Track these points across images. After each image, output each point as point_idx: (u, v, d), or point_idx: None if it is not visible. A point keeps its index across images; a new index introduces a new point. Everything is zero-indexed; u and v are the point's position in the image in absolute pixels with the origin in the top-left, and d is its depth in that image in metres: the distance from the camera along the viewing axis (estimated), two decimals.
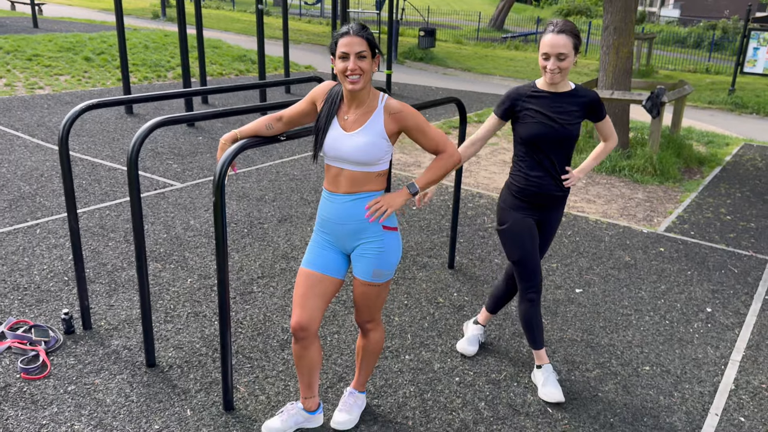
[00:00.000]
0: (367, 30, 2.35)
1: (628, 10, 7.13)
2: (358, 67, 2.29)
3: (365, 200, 2.44)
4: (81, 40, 12.94)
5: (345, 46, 2.29)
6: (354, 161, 2.39)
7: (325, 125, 2.43)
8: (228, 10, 29.60)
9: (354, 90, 2.33)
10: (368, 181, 2.43)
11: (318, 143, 2.45)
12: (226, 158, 2.50)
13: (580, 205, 6.00)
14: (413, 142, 2.54)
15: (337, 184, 2.47)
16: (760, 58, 13.58)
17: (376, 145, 2.37)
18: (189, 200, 5.51)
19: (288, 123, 2.63)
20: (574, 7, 39.22)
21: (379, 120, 2.39)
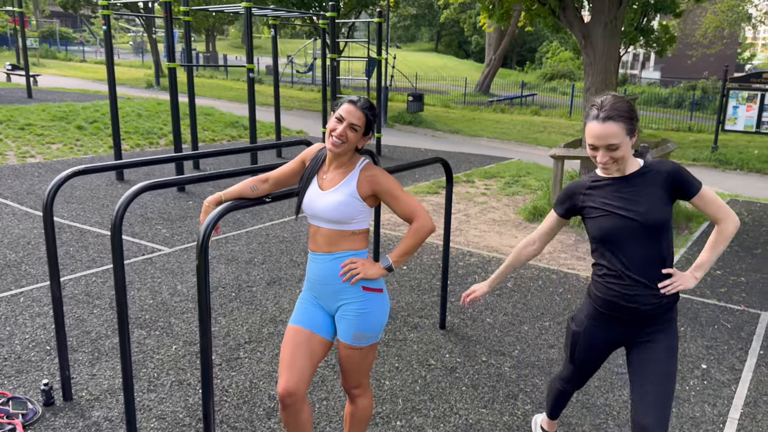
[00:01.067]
0: (372, 110, 2.42)
1: (607, 72, 7.35)
2: (346, 134, 2.36)
3: (343, 259, 2.44)
4: (74, 109, 13.14)
5: (345, 111, 2.37)
6: (326, 219, 2.41)
7: (305, 183, 2.48)
8: (221, 79, 30.32)
9: (332, 151, 2.39)
10: (343, 239, 2.43)
11: (299, 199, 2.49)
12: (209, 221, 2.49)
13: (570, 263, 5.99)
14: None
15: (316, 243, 2.48)
16: (740, 116, 13.94)
17: (348, 204, 2.38)
18: (177, 265, 5.47)
19: (275, 184, 2.65)
20: (558, 71, 40.45)
21: (353, 181, 2.41)
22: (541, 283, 5.39)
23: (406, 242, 2.48)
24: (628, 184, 2.24)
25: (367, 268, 2.43)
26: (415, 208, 2.48)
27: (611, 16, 7.14)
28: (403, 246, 2.48)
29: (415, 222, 2.47)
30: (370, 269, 2.44)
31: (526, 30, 34.91)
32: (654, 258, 2.21)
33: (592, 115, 2.20)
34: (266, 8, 10.33)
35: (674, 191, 2.23)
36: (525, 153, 14.11)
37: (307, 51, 37.04)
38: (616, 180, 2.27)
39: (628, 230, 2.20)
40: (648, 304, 2.22)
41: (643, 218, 2.18)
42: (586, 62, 7.41)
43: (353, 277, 2.41)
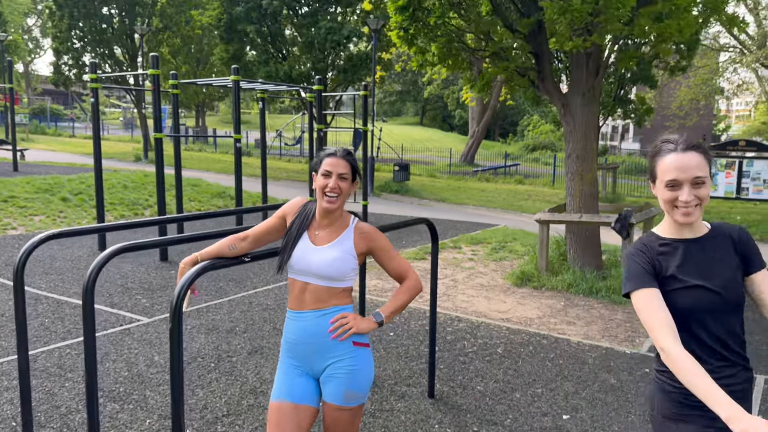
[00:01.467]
0: (352, 156, 2.44)
1: (587, 139, 7.48)
2: (338, 186, 2.36)
3: (332, 315, 2.38)
4: (59, 181, 13.13)
5: (330, 165, 2.36)
6: (321, 275, 2.36)
7: (295, 238, 2.42)
8: (210, 152, 30.66)
9: (330, 209, 2.37)
10: (333, 296, 2.39)
11: (286, 254, 2.41)
12: (184, 282, 2.39)
13: (560, 328, 5.87)
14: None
15: (301, 301, 2.40)
16: (720, 183, 14.21)
17: (344, 261, 2.37)
18: (155, 335, 5.28)
19: (254, 241, 2.58)
20: (539, 143, 41.43)
21: (349, 238, 2.41)
22: (531, 348, 5.25)
23: (398, 298, 2.47)
24: (701, 247, 1.89)
25: (358, 322, 2.38)
26: (408, 267, 2.54)
27: (588, 86, 7.35)
28: (395, 302, 2.47)
29: (408, 280, 2.50)
30: (361, 323, 2.39)
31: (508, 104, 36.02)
32: (735, 335, 1.89)
33: (666, 149, 1.87)
34: (255, 82, 10.55)
35: (742, 260, 1.90)
36: (510, 220, 14.18)
37: (295, 125, 37.81)
38: (688, 242, 1.90)
39: (710, 305, 1.84)
40: (737, 384, 1.89)
41: (725, 291, 1.85)
42: (567, 130, 7.56)
43: (345, 333, 2.35)
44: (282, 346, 2.48)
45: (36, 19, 56.74)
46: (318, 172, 2.40)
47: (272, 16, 19.99)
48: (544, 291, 7.22)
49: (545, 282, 7.35)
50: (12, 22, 42.00)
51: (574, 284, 7.19)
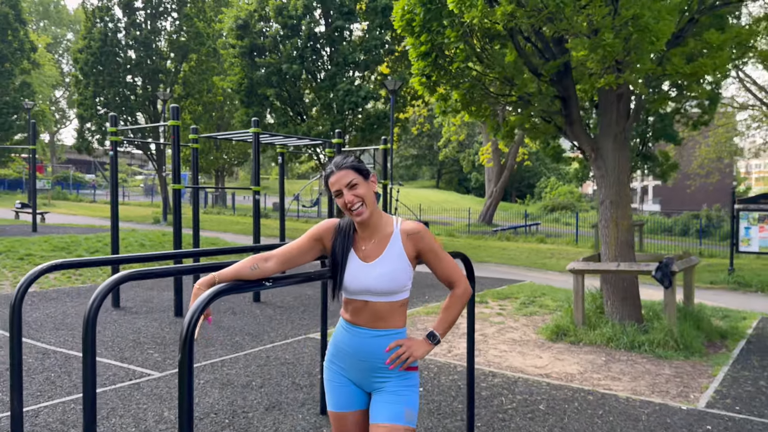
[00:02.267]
0: (347, 159, 2.26)
1: (621, 184, 7.17)
2: (355, 196, 2.20)
3: (388, 339, 2.24)
4: (77, 240, 13.01)
5: (334, 184, 2.23)
6: (379, 291, 2.20)
7: (342, 260, 2.25)
8: (228, 215, 30.76)
9: (363, 220, 2.21)
10: (392, 313, 2.24)
11: (339, 279, 2.25)
12: (198, 305, 2.07)
13: (605, 383, 5.38)
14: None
15: (358, 316, 2.26)
16: (753, 237, 13.69)
17: (400, 271, 2.21)
18: (166, 390, 4.89)
19: (281, 263, 2.29)
20: (559, 203, 41.12)
21: (397, 244, 2.23)
22: (577, 404, 4.76)
23: (451, 311, 2.29)
24: None
25: (414, 350, 2.23)
26: (458, 271, 2.33)
27: (620, 129, 7.09)
28: (449, 315, 2.29)
29: (458, 286, 2.31)
30: (417, 350, 2.23)
31: (525, 164, 35.99)
32: None
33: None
34: (276, 135, 10.47)
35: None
36: (535, 276, 13.70)
37: (312, 188, 38.02)
38: None
39: None
40: None
41: None
42: (598, 175, 7.26)
43: (402, 364, 2.22)
44: (330, 348, 2.36)
45: (63, 91, 58.81)
46: (331, 193, 2.26)
47: (292, 80, 20.33)
48: (581, 346, 6.73)
49: (582, 336, 6.87)
50: (40, 93, 43.46)
51: (614, 338, 6.70)
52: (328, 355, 2.37)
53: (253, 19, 20.57)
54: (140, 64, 25.53)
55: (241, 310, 8.27)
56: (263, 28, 20.74)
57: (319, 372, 5.41)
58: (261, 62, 20.15)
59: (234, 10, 21.39)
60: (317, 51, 20.46)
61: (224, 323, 7.38)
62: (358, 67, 20.72)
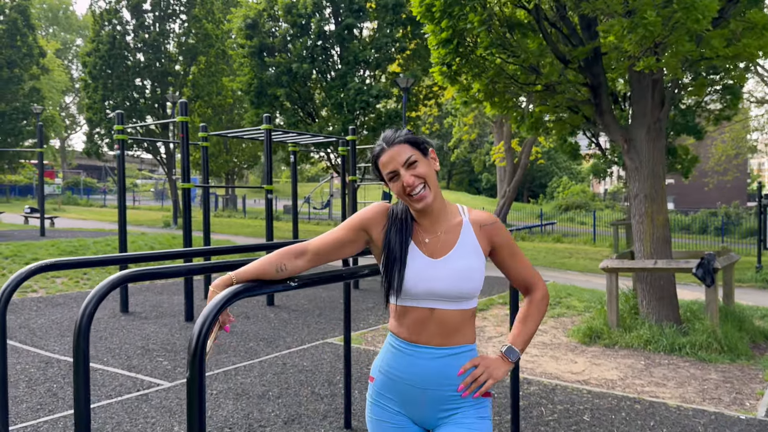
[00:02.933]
0: (401, 132, 1.82)
1: (656, 177, 6.74)
2: (415, 177, 1.76)
3: (461, 359, 1.80)
4: (85, 243, 12.72)
5: (387, 164, 1.79)
6: (451, 295, 1.76)
7: (401, 255, 1.79)
8: (239, 218, 30.48)
9: (427, 205, 1.78)
10: (463, 324, 1.81)
11: (396, 278, 1.78)
12: (210, 310, 1.69)
13: (650, 390, 4.96)
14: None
15: (421, 331, 1.79)
16: None
17: (475, 269, 1.79)
18: (176, 402, 4.53)
19: (315, 258, 1.88)
20: (572, 202, 40.55)
21: (470, 235, 1.82)
22: (624, 414, 4.35)
23: (530, 320, 1.86)
24: None
25: (492, 371, 1.78)
26: (536, 271, 1.92)
27: (654, 118, 6.67)
28: (528, 326, 1.86)
29: (536, 290, 1.90)
30: (496, 370, 1.78)
31: (539, 163, 35.48)
32: None
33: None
34: (289, 132, 10.11)
35: None
36: (556, 276, 13.25)
37: (323, 190, 37.69)
38: None
39: None
40: None
41: None
42: (631, 167, 6.84)
43: (478, 389, 1.77)
44: (377, 378, 1.87)
45: (73, 96, 58.87)
46: (385, 179, 1.84)
47: (302, 79, 19.99)
48: (617, 349, 6.30)
49: (618, 339, 6.45)
50: (50, 98, 43.43)
51: (653, 341, 6.27)
52: (375, 387, 1.89)
53: (262, 19, 20.27)
54: (149, 66, 25.31)
55: (255, 314, 7.91)
56: (272, 27, 20.43)
57: (339, 381, 5.03)
58: (270, 62, 19.84)
59: (243, 9, 21.08)
60: (327, 50, 20.12)
61: (237, 328, 7.01)
62: (368, 65, 20.35)
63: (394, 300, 1.81)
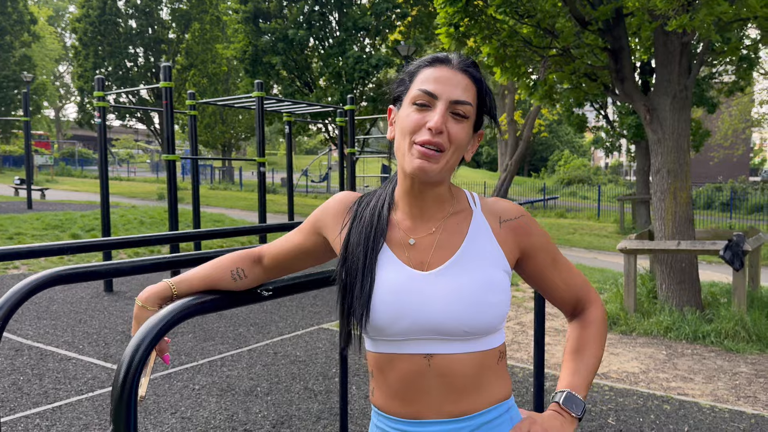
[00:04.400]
0: (477, 67, 1.18)
1: (680, 151, 6.21)
2: (447, 130, 1.12)
3: (497, 426, 1.17)
4: (71, 217, 12.20)
5: (434, 82, 1.14)
6: (454, 331, 1.12)
7: (366, 264, 1.16)
8: (235, 191, 29.94)
9: (425, 172, 1.12)
10: (488, 372, 1.17)
11: (358, 305, 1.16)
12: (140, 341, 1.18)
13: (677, 385, 4.50)
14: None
15: (420, 397, 1.15)
16: None
17: (494, 286, 1.14)
18: (153, 398, 4.06)
19: (272, 268, 1.35)
20: (575, 176, 40.00)
21: (484, 233, 1.18)
22: (653, 417, 3.89)
23: (592, 350, 1.24)
24: None
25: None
26: (587, 282, 1.29)
27: (681, 86, 6.11)
28: (589, 360, 1.23)
29: (592, 307, 1.28)
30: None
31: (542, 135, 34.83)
32: None
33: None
34: (283, 101, 9.53)
35: None
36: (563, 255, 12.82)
37: (321, 163, 37.10)
38: None
39: None
40: None
41: None
42: (653, 140, 6.30)
43: None
44: None
45: (67, 65, 57.74)
46: (405, 99, 1.18)
47: (299, 46, 19.27)
48: (635, 336, 5.85)
49: (636, 325, 5.99)
50: (42, 67, 42.47)
51: (674, 328, 5.81)
52: None
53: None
54: (141, 33, 24.55)
55: None
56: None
57: (335, 374, 4.57)
58: (266, 28, 19.09)
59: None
60: (325, 15, 19.36)
61: (226, 312, 6.54)
62: (368, 33, 19.61)
63: (350, 339, 1.19)
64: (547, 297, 1.29)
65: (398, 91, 1.21)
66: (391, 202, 1.24)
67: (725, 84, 14.44)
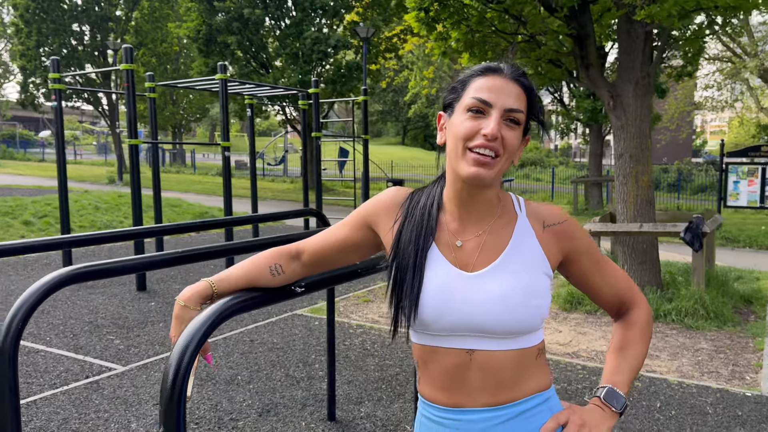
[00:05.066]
0: (527, 78, 1.22)
1: (642, 136, 6.41)
2: (502, 136, 1.16)
3: (533, 417, 1.21)
4: (22, 203, 11.74)
5: (489, 90, 1.17)
6: (495, 330, 1.17)
7: (416, 262, 1.20)
8: (188, 173, 29.31)
9: (480, 178, 1.16)
10: (527, 367, 1.22)
11: (407, 301, 1.20)
12: (188, 342, 1.18)
13: (645, 363, 4.70)
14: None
15: (461, 388, 1.20)
16: (741, 191, 13.30)
17: (535, 289, 1.19)
18: (132, 390, 3.99)
19: (312, 263, 1.37)
20: (527, 159, 40.73)
21: (528, 238, 1.23)
22: None
23: (635, 349, 1.29)
24: None
25: (591, 429, 1.18)
26: (633, 283, 1.34)
27: (643, 73, 6.29)
28: (632, 359, 1.28)
29: (637, 307, 1.33)
30: (597, 427, 1.19)
31: None
32: None
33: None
34: (246, 83, 9.35)
35: None
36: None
37: (276, 145, 36.61)
38: None
39: None
40: None
41: None
42: (617, 125, 6.48)
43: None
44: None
45: (5, 43, 54.97)
46: (456, 107, 1.21)
47: (254, 26, 18.88)
48: (599, 315, 6.06)
49: None
50: None
51: None
52: None
53: None
54: (87, 10, 23.57)
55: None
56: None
57: (315, 360, 4.59)
58: (220, 6, 18.63)
59: None
60: None
61: None
62: (326, 13, 19.37)
63: (396, 331, 1.24)
64: (592, 298, 1.35)
65: (450, 99, 1.24)
66: (440, 202, 1.26)
67: (674, 69, 14.94)
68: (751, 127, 34.50)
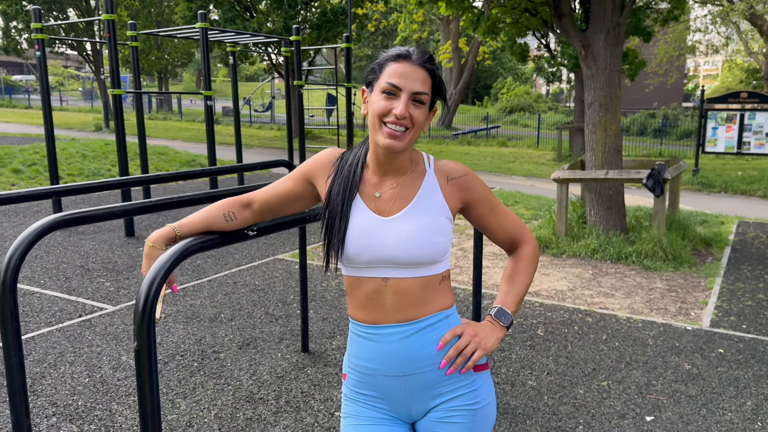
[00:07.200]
0: (433, 62, 1.48)
1: (611, 86, 6.62)
2: (410, 114, 1.43)
3: (435, 331, 1.50)
4: (10, 152, 11.85)
5: (399, 75, 1.43)
6: (406, 261, 1.46)
7: (342, 210, 1.49)
8: (175, 120, 29.15)
9: (393, 148, 1.44)
10: (431, 291, 1.51)
11: (335, 240, 1.49)
12: (156, 273, 1.46)
13: (600, 301, 5.08)
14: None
15: (378, 308, 1.50)
16: (719, 137, 13.56)
17: (437, 230, 1.48)
18: (122, 327, 4.33)
19: (262, 211, 1.65)
20: (517, 104, 40.65)
21: (433, 189, 1.51)
22: (577, 328, 4.43)
23: (520, 278, 1.59)
24: None
25: (481, 339, 1.49)
26: (522, 224, 1.64)
27: (613, 24, 6.45)
28: (519, 284, 1.59)
29: (525, 244, 1.63)
30: (486, 339, 1.50)
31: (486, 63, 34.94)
32: None
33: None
34: (226, 31, 9.39)
35: None
36: (502, 183, 13.38)
37: (264, 91, 36.27)
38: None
39: None
40: None
41: None
42: (587, 75, 6.68)
43: (465, 363, 1.49)
44: (348, 374, 1.61)
45: None
46: (375, 87, 1.47)
47: None
48: (565, 258, 6.42)
49: (566, 248, 6.55)
50: None
51: (600, 250, 6.40)
52: (349, 386, 1.61)
53: None
54: None
55: None
56: None
57: (293, 300, 4.92)
58: None
59: None
60: None
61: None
62: None
63: (329, 265, 1.53)
64: (489, 237, 1.64)
65: (370, 78, 1.50)
66: (364, 162, 1.54)
67: (660, 13, 14.91)
68: (738, 73, 34.42)
